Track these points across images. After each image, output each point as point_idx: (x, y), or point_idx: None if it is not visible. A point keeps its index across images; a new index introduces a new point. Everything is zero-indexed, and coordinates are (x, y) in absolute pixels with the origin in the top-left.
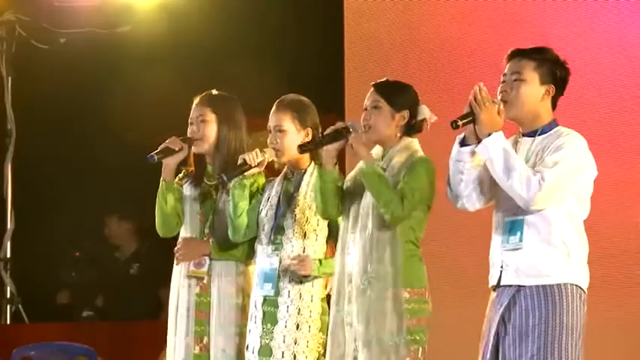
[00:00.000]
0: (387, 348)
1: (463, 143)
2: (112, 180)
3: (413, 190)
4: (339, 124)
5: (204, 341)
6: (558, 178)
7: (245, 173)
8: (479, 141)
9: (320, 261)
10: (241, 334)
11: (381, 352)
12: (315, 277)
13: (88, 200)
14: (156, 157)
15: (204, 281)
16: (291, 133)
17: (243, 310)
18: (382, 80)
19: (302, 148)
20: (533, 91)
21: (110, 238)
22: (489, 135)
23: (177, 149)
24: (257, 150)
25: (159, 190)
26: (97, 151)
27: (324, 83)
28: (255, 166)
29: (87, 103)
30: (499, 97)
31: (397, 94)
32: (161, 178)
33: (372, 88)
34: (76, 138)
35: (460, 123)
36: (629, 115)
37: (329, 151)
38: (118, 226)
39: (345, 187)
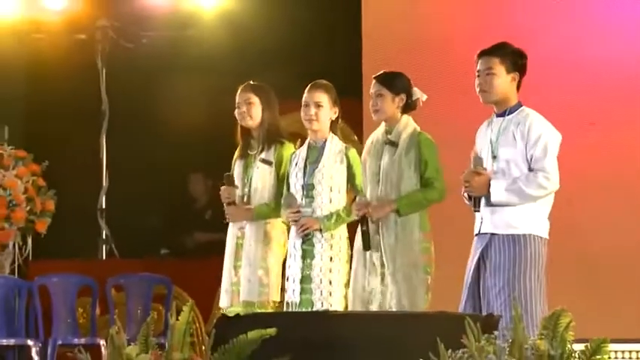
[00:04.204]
0: (414, 280)
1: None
2: (183, 147)
3: (435, 171)
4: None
5: (240, 273)
6: (553, 157)
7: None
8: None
9: (331, 214)
10: (264, 268)
11: (409, 284)
12: (328, 228)
13: (165, 162)
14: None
15: (244, 228)
16: (326, 108)
17: (269, 249)
18: (381, 72)
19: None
20: (503, 80)
21: (190, 191)
22: (489, 192)
23: (228, 196)
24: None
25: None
26: (171, 126)
27: (345, 72)
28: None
29: (161, 90)
30: (477, 89)
31: (394, 82)
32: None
33: (374, 80)
34: (154, 116)
35: (478, 208)
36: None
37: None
38: (197, 181)
39: (363, 158)
